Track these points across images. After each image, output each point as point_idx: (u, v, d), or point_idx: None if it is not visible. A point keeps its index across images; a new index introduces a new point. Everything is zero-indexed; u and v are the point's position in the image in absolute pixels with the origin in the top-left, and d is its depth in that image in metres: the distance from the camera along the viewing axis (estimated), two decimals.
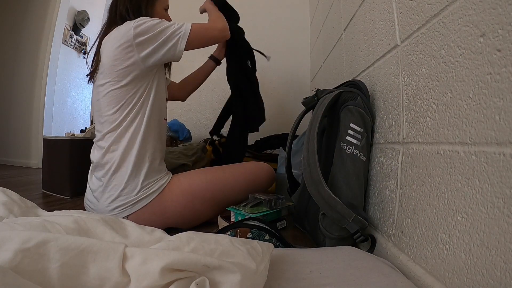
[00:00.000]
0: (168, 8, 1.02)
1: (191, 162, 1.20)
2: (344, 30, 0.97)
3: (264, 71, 1.93)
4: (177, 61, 0.90)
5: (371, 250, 0.59)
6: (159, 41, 0.83)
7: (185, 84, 1.24)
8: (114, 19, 0.89)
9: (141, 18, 0.84)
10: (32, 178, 1.86)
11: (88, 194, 0.89)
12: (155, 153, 0.86)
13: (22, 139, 2.56)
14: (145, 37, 0.81)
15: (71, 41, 2.95)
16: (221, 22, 0.99)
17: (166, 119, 0.96)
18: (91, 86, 0.95)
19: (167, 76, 1.05)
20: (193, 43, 0.88)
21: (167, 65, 1.03)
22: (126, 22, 0.83)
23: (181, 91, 1.24)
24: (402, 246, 0.52)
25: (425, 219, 0.45)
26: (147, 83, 0.85)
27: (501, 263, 0.30)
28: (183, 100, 1.27)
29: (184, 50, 0.87)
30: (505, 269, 0.29)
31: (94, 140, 0.89)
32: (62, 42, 2.72)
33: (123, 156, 0.81)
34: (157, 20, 0.84)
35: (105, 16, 0.96)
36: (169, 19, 0.99)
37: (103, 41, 0.86)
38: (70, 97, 2.97)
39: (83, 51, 3.10)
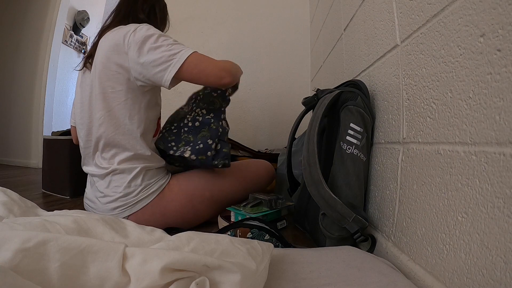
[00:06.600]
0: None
1: None
2: (344, 30, 0.97)
3: (264, 70, 1.94)
4: (168, 89, 0.79)
5: (371, 250, 0.59)
6: (154, 59, 0.74)
7: None
8: (124, 15, 0.86)
9: (145, 24, 0.79)
10: (32, 178, 1.86)
11: (88, 194, 0.88)
12: (154, 154, 0.86)
13: (22, 139, 2.56)
14: (142, 48, 0.74)
15: (71, 41, 2.95)
16: (229, 66, 0.80)
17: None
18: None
19: None
20: (184, 75, 0.76)
21: None
22: (130, 24, 0.80)
23: None
24: (402, 246, 0.52)
25: (425, 219, 0.45)
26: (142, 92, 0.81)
27: (501, 263, 0.30)
28: None
29: (172, 81, 0.75)
30: (505, 269, 0.29)
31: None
32: (62, 42, 2.72)
33: (124, 157, 0.81)
34: (157, 33, 0.77)
35: (105, 16, 0.94)
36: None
37: (104, 36, 0.83)
38: (70, 97, 2.97)
39: (83, 51, 3.10)
